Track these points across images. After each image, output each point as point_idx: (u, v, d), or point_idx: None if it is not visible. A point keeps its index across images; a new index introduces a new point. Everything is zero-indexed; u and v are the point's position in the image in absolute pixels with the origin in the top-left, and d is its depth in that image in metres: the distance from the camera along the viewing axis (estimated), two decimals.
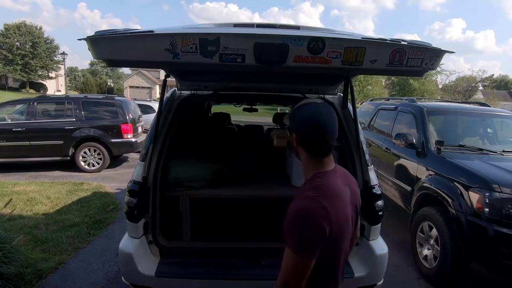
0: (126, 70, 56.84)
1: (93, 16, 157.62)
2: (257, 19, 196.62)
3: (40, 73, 42.63)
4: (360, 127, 2.53)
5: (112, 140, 7.31)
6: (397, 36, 2.52)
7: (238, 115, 6.40)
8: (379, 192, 2.38)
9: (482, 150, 3.77)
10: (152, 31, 1.56)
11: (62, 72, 40.50)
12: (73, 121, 7.18)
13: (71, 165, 7.28)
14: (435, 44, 1.67)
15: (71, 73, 57.41)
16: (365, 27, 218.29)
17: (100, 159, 7.36)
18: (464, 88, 31.73)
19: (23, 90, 41.18)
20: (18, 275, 2.87)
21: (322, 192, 1.10)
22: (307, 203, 1.08)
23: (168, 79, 2.29)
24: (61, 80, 44.04)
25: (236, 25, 2.12)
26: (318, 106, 1.18)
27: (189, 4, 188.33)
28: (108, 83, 48.80)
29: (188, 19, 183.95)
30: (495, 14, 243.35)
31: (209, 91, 2.88)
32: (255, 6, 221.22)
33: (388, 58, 1.62)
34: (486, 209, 2.88)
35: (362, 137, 2.50)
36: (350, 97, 2.38)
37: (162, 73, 15.28)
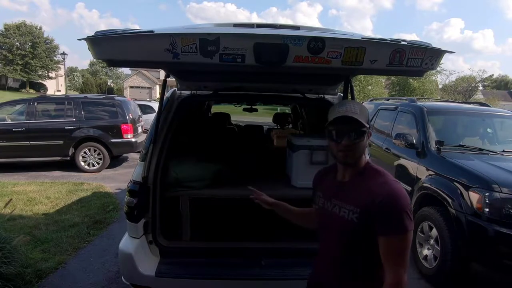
0: (126, 70, 56.88)
1: (91, 16, 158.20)
2: (255, 19, 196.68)
3: (40, 73, 42.66)
4: None
5: (112, 140, 7.30)
6: (395, 36, 2.52)
7: (238, 115, 6.41)
8: None
9: (482, 150, 3.77)
10: (152, 31, 1.56)
11: (62, 72, 40.52)
12: (73, 121, 7.18)
13: (71, 165, 7.28)
14: (433, 44, 1.67)
15: (71, 73, 57.39)
16: (363, 27, 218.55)
17: (100, 159, 7.35)
18: (464, 88, 31.72)
19: (23, 90, 41.21)
20: (18, 275, 2.86)
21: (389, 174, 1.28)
22: (401, 186, 1.22)
23: (168, 79, 2.29)
24: (61, 80, 44.06)
25: (236, 25, 2.12)
26: None
27: (186, 4, 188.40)
28: (108, 83, 48.82)
29: (186, 19, 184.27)
30: (494, 14, 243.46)
31: (209, 91, 2.88)
32: (253, 6, 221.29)
33: (388, 58, 1.62)
34: (486, 209, 2.88)
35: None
36: (350, 97, 2.38)
37: (162, 73, 15.27)
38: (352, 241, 1.24)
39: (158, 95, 29.50)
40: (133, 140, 7.47)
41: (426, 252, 3.44)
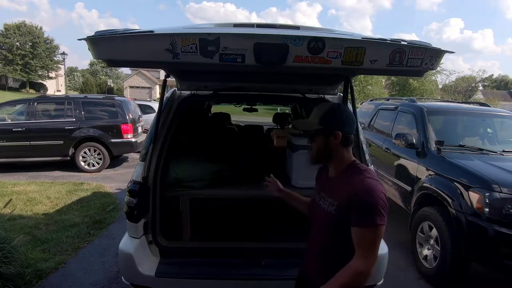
0: (126, 70, 56.95)
1: (90, 16, 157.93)
2: (254, 19, 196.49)
3: (40, 73, 42.64)
4: (360, 127, 2.53)
5: (112, 140, 7.30)
6: (395, 36, 2.52)
7: (238, 115, 6.41)
8: None
9: (482, 150, 3.77)
10: (152, 31, 1.56)
11: (62, 72, 40.53)
12: (73, 121, 7.18)
13: (71, 165, 7.28)
14: (433, 44, 1.67)
15: (71, 73, 57.41)
16: (363, 27, 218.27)
17: (100, 159, 7.35)
18: (464, 88, 31.76)
19: (23, 90, 41.20)
20: (18, 275, 2.86)
21: (374, 173, 1.35)
22: (379, 184, 1.27)
23: (168, 79, 2.29)
24: (61, 80, 44.07)
25: (236, 25, 2.12)
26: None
27: (185, 4, 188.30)
28: (108, 83, 48.78)
29: (186, 19, 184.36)
30: (494, 14, 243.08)
31: (209, 91, 2.88)
32: (252, 6, 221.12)
33: (388, 58, 1.62)
34: (486, 209, 2.88)
35: (362, 137, 2.50)
36: (350, 97, 2.38)
37: (162, 73, 15.27)
38: (330, 232, 1.35)
39: (158, 95, 29.51)
40: (133, 140, 7.47)
41: (426, 252, 3.44)
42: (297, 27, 2.04)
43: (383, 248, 2.34)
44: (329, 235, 1.36)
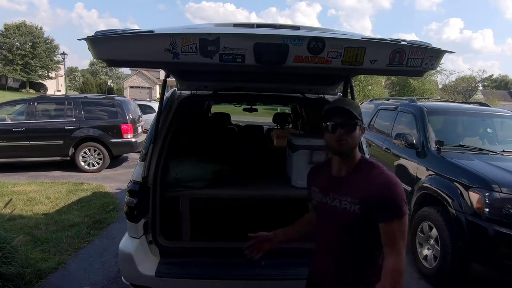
0: (126, 70, 56.91)
1: (90, 15, 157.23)
2: (254, 19, 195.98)
3: (40, 73, 42.69)
4: None
5: (112, 140, 7.30)
6: (395, 36, 2.52)
7: (238, 115, 6.41)
8: None
9: (482, 150, 3.77)
10: (152, 31, 1.56)
11: (62, 72, 40.53)
12: (73, 121, 7.18)
13: (71, 165, 7.28)
14: (432, 44, 1.67)
15: (71, 73, 57.43)
16: (363, 27, 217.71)
17: (100, 159, 7.35)
18: (464, 88, 31.77)
19: (23, 90, 41.23)
20: (18, 275, 2.86)
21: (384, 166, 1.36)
22: (395, 176, 1.30)
23: (168, 79, 2.30)
24: (61, 80, 44.07)
25: (236, 25, 2.12)
26: None
27: (185, 4, 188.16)
28: (108, 83, 48.77)
29: (185, 19, 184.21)
30: (493, 14, 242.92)
31: (209, 91, 2.88)
32: (252, 6, 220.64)
33: (388, 58, 1.62)
34: (486, 209, 2.88)
35: (362, 137, 2.50)
36: (350, 97, 2.38)
37: (162, 73, 15.28)
38: (355, 232, 1.30)
39: (158, 95, 29.52)
40: (133, 140, 7.47)
41: (426, 252, 3.44)
42: (297, 27, 2.04)
43: None
44: (351, 235, 1.31)
